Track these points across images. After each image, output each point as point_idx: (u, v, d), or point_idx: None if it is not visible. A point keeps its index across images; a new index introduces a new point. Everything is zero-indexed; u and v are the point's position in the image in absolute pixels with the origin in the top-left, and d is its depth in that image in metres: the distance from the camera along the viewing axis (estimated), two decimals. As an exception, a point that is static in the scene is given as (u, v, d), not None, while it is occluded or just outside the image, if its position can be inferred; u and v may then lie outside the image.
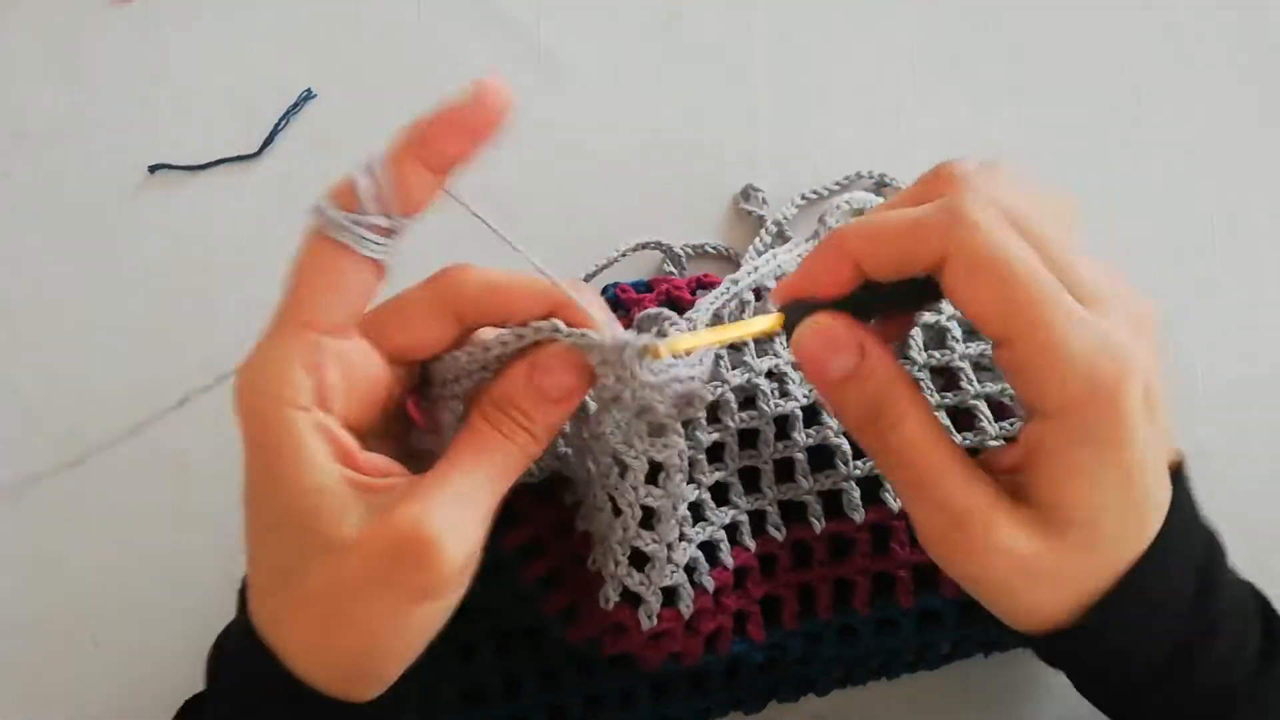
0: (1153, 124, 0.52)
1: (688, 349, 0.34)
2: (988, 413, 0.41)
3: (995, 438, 0.41)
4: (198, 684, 0.48)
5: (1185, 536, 0.35)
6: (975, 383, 0.42)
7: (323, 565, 0.32)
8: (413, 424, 0.37)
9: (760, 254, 0.48)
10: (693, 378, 0.35)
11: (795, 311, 0.34)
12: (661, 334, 0.36)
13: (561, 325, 0.34)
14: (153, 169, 0.52)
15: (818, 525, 0.41)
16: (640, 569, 0.38)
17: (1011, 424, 0.41)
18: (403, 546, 0.31)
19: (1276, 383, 0.50)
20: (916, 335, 0.43)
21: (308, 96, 0.52)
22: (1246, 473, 0.49)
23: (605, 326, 0.34)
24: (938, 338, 0.43)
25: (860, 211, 0.47)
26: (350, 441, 0.33)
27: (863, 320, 0.34)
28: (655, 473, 0.36)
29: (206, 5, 0.53)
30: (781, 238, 0.49)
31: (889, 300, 0.34)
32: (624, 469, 0.36)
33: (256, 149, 0.52)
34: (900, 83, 0.52)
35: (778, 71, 0.52)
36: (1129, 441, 0.31)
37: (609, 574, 0.38)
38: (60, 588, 0.48)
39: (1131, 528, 0.33)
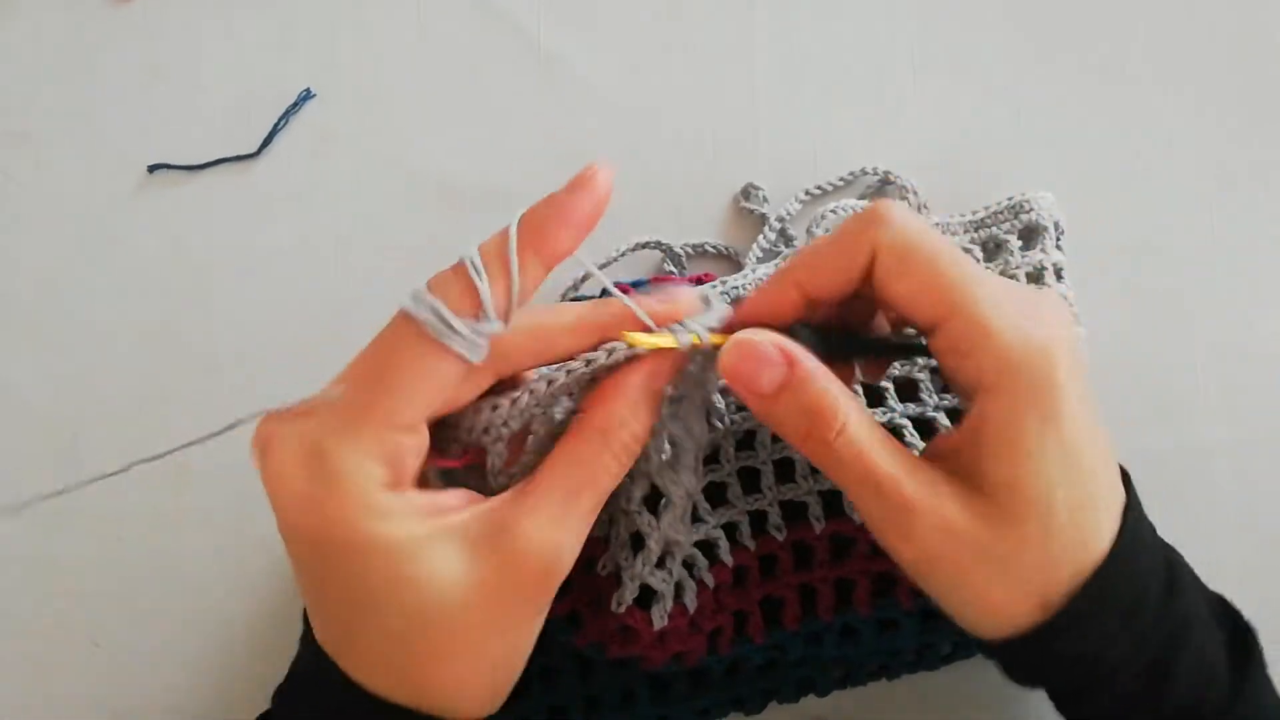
0: (1153, 123, 0.52)
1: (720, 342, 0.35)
2: (948, 424, 0.42)
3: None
4: (198, 684, 0.48)
5: (1144, 538, 0.35)
6: (935, 394, 0.42)
7: (452, 625, 0.32)
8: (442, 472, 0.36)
9: (764, 251, 0.48)
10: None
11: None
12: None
13: (620, 346, 0.34)
14: (153, 169, 0.52)
15: (818, 525, 0.41)
16: (663, 565, 0.38)
17: None
18: (528, 566, 0.32)
19: (1276, 383, 0.50)
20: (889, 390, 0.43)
21: (308, 96, 0.52)
22: (1247, 473, 0.49)
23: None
24: (910, 389, 0.43)
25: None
26: (431, 496, 0.33)
27: (844, 362, 0.36)
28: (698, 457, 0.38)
29: (207, 5, 0.53)
30: (783, 236, 0.49)
31: (868, 350, 0.37)
32: (679, 454, 0.37)
33: (256, 149, 0.52)
34: (900, 82, 0.52)
35: (778, 70, 0.52)
36: (1065, 410, 0.32)
37: (632, 575, 0.38)
38: (60, 588, 0.48)
39: (1085, 519, 0.33)
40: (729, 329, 0.35)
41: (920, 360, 0.43)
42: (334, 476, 0.31)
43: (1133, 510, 0.34)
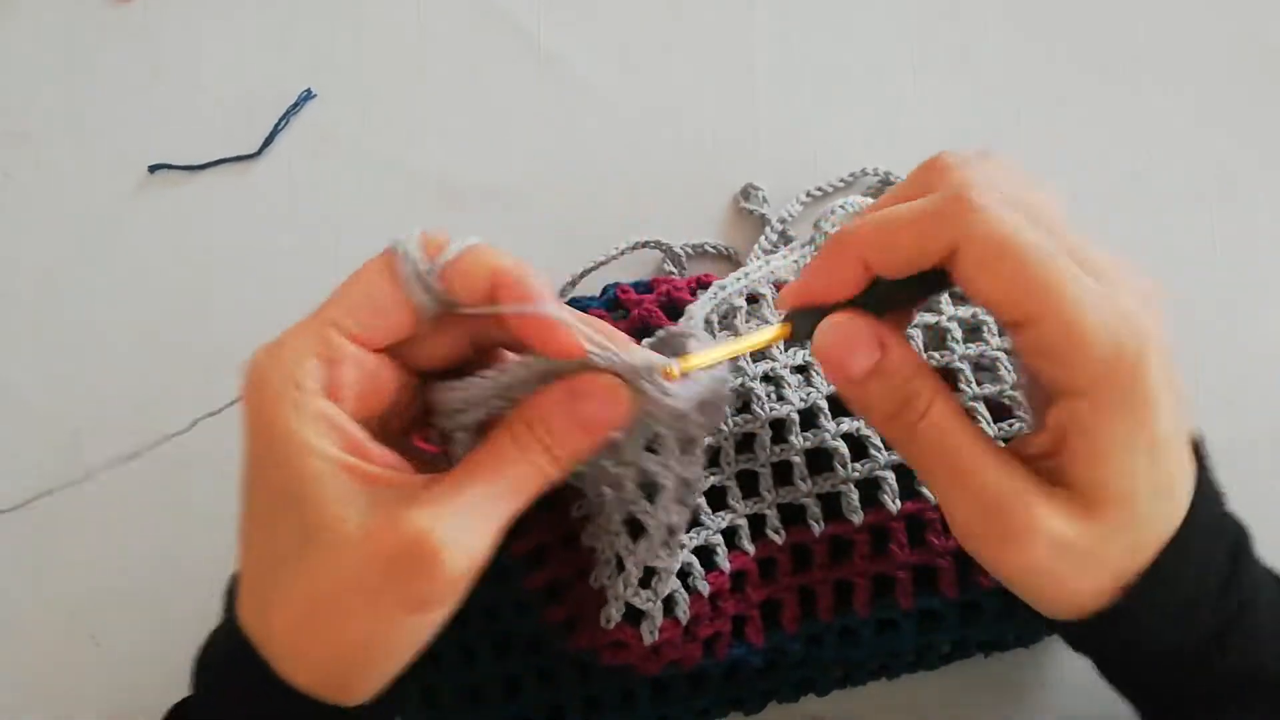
0: (1153, 123, 0.52)
1: (701, 366, 0.33)
2: (986, 414, 0.41)
3: (995, 439, 0.41)
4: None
5: (1212, 516, 0.34)
6: (974, 384, 0.42)
7: (317, 559, 0.31)
8: (423, 454, 0.36)
9: (765, 252, 0.48)
10: (711, 381, 0.34)
11: (802, 317, 0.34)
12: (679, 352, 0.35)
13: (580, 359, 0.32)
14: (153, 169, 0.52)
15: (817, 528, 0.41)
16: (648, 585, 0.38)
17: (1011, 425, 0.41)
18: (404, 553, 0.30)
19: (1276, 383, 0.50)
20: (916, 336, 0.42)
21: (308, 96, 0.52)
22: (1247, 473, 0.49)
23: (626, 353, 0.33)
24: (937, 339, 0.43)
25: (858, 214, 0.47)
26: (359, 432, 0.32)
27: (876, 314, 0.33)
28: (679, 490, 0.36)
29: (206, 5, 0.53)
30: (784, 237, 0.49)
31: (894, 295, 0.33)
32: (654, 490, 0.35)
33: (256, 149, 0.52)
34: (900, 82, 0.52)
35: (778, 70, 0.52)
36: (1156, 412, 0.31)
37: (615, 594, 0.38)
38: (60, 587, 0.48)
39: (1162, 504, 0.32)
40: (783, 304, 0.34)
41: (958, 349, 0.42)
42: (276, 361, 0.33)
43: (1201, 489, 0.34)
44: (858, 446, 0.41)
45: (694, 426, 0.34)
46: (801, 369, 0.43)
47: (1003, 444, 0.34)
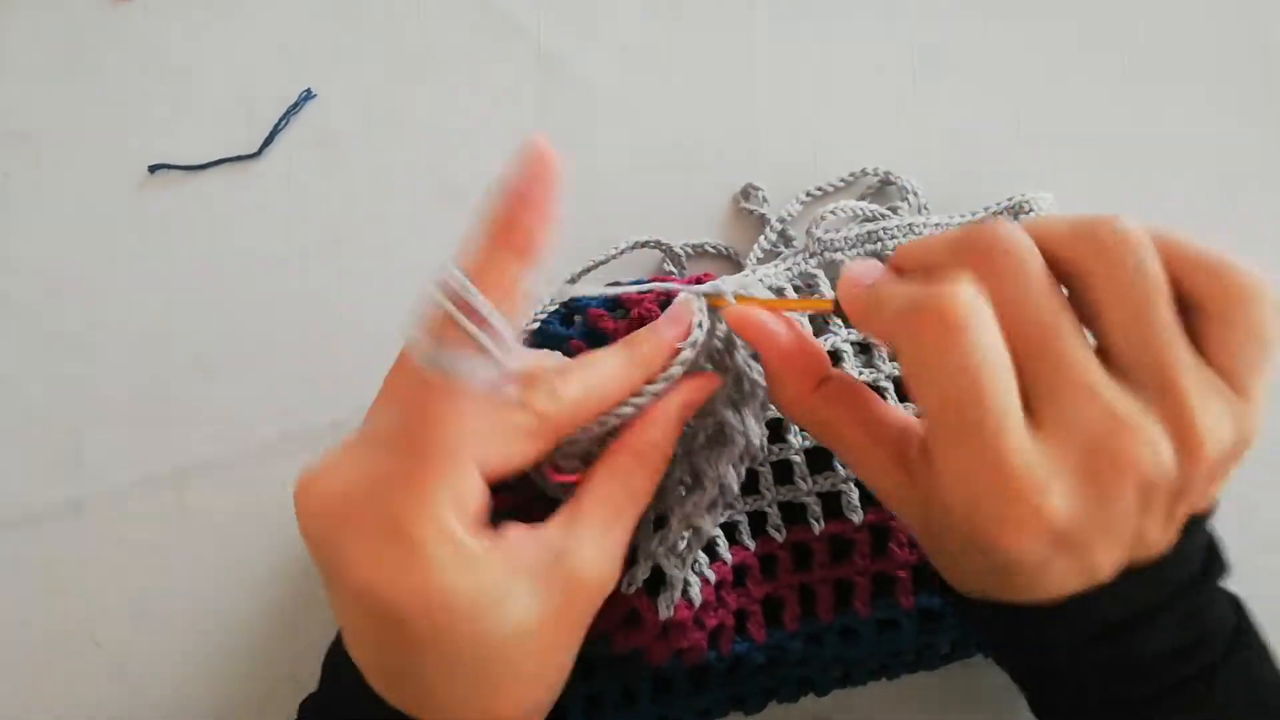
0: (1153, 123, 0.52)
1: (748, 305, 0.37)
2: (894, 393, 0.43)
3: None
4: (198, 684, 0.48)
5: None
6: (888, 360, 0.43)
7: (524, 656, 0.32)
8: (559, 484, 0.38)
9: (765, 252, 0.48)
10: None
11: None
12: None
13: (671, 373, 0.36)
14: (153, 169, 0.52)
15: (817, 526, 0.41)
16: (677, 553, 0.39)
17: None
18: (588, 603, 0.33)
19: (1276, 383, 0.50)
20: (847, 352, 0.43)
21: (308, 96, 0.52)
22: (1247, 473, 0.49)
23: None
24: (865, 353, 0.44)
25: (854, 217, 0.47)
26: (492, 531, 0.33)
27: None
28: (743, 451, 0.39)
29: (207, 5, 0.53)
30: (784, 237, 0.49)
31: None
32: (721, 444, 0.38)
33: (256, 149, 0.52)
34: (900, 82, 0.52)
35: (778, 70, 0.52)
36: (1009, 559, 0.30)
37: (646, 554, 0.39)
38: (60, 588, 0.48)
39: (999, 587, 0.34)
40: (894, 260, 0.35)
41: (884, 368, 0.44)
42: (413, 543, 0.30)
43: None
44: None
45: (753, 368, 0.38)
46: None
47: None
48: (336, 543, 0.31)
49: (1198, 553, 0.35)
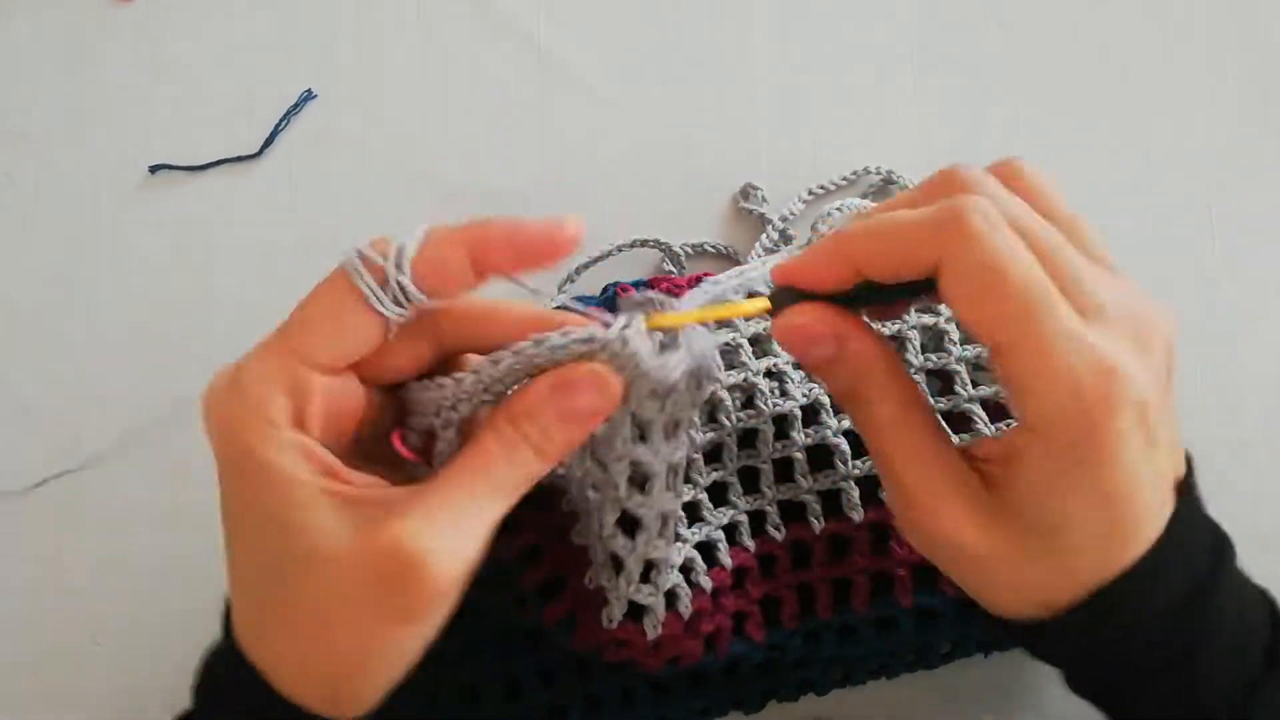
0: (1153, 123, 0.52)
1: (676, 324, 0.33)
2: (983, 415, 0.41)
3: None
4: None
5: (1180, 550, 0.34)
6: (970, 386, 0.42)
7: (304, 580, 0.31)
8: (403, 459, 0.36)
9: (766, 251, 0.48)
10: (697, 354, 0.34)
11: (783, 297, 0.34)
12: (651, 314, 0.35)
13: (560, 335, 0.32)
14: (153, 169, 0.52)
15: (817, 525, 0.41)
16: (648, 579, 0.38)
17: (1009, 424, 0.41)
18: (388, 566, 0.30)
19: (1276, 383, 0.50)
20: (914, 338, 0.43)
21: (308, 96, 0.52)
22: (1247, 473, 0.49)
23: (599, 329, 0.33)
24: (935, 340, 0.43)
25: (861, 213, 0.47)
26: (332, 459, 0.32)
27: (855, 308, 0.34)
28: (669, 476, 0.35)
29: (207, 5, 0.53)
30: (785, 237, 0.49)
31: (881, 294, 0.34)
32: (644, 480, 0.35)
33: (256, 149, 0.52)
34: (900, 82, 0.52)
35: (778, 71, 0.52)
36: (1112, 464, 0.31)
37: (617, 595, 0.38)
38: (60, 587, 0.48)
39: (1112, 547, 0.32)
40: (776, 277, 0.35)
41: (955, 351, 0.42)
42: (242, 396, 0.32)
43: (1176, 524, 0.33)
44: (859, 443, 0.41)
45: (683, 402, 0.34)
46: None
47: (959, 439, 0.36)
48: (206, 404, 0.33)
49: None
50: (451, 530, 0.31)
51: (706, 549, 0.40)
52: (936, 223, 0.31)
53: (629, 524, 0.37)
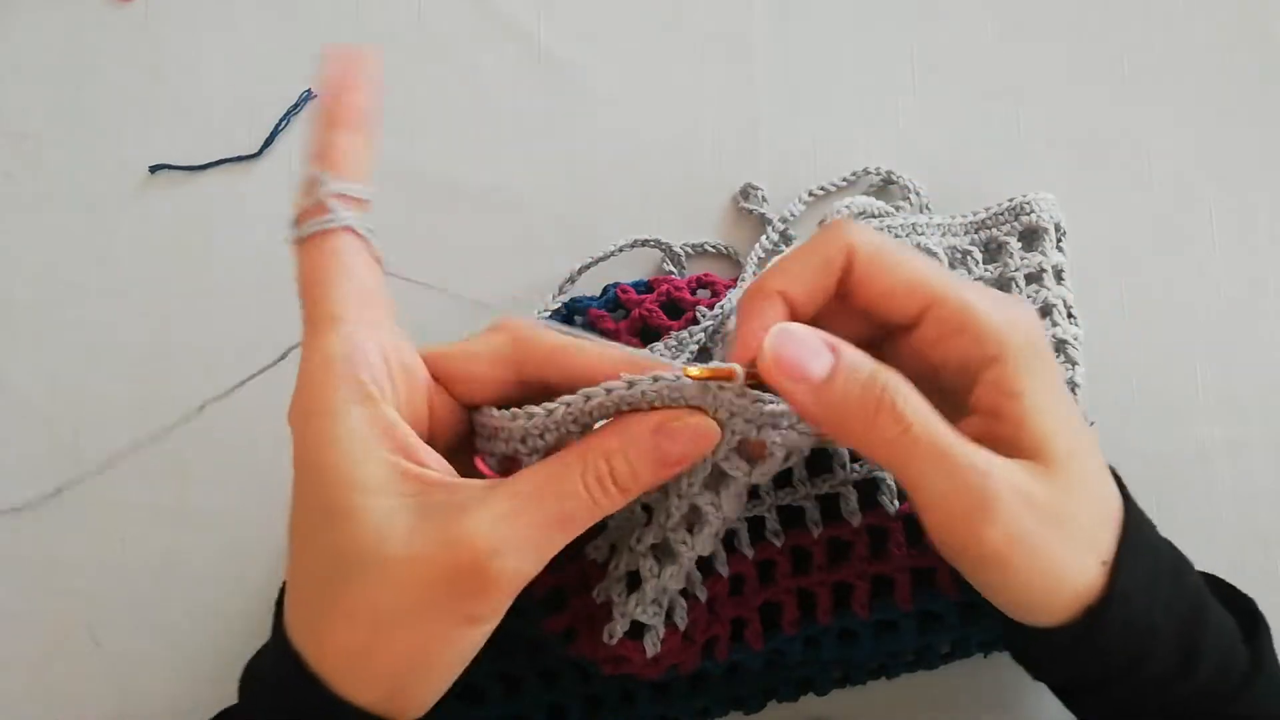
0: (1153, 123, 0.52)
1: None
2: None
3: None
4: (197, 683, 0.48)
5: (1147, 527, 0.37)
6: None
7: (369, 576, 0.30)
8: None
9: (766, 252, 0.48)
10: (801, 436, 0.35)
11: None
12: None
13: (662, 375, 0.32)
14: (153, 169, 0.52)
15: (815, 530, 0.41)
16: (655, 601, 0.38)
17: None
18: (460, 564, 0.30)
19: (1277, 383, 0.50)
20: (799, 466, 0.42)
21: (308, 96, 0.52)
22: (1246, 473, 0.49)
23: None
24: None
25: (862, 214, 0.47)
26: (413, 440, 0.32)
27: None
28: (721, 527, 0.37)
29: (207, 5, 0.53)
30: (785, 237, 0.49)
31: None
32: (697, 523, 0.36)
33: (256, 149, 0.52)
34: (900, 82, 0.52)
35: (778, 70, 0.52)
36: (1054, 371, 0.35)
37: (623, 611, 0.38)
38: (60, 586, 0.48)
39: (1100, 466, 0.35)
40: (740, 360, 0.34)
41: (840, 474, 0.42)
42: (315, 369, 0.32)
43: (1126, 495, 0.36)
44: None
45: (766, 470, 0.35)
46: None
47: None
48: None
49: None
50: (517, 528, 0.31)
51: (703, 560, 0.40)
52: (830, 229, 0.35)
53: (662, 552, 0.37)
